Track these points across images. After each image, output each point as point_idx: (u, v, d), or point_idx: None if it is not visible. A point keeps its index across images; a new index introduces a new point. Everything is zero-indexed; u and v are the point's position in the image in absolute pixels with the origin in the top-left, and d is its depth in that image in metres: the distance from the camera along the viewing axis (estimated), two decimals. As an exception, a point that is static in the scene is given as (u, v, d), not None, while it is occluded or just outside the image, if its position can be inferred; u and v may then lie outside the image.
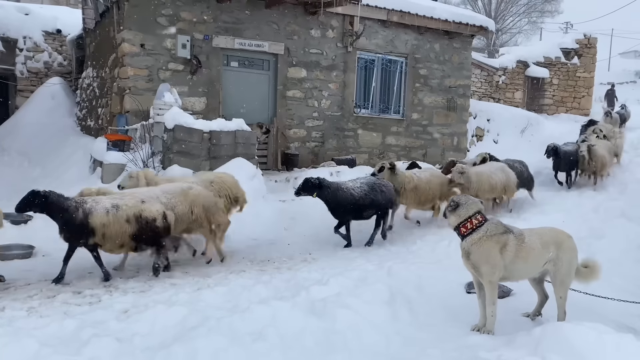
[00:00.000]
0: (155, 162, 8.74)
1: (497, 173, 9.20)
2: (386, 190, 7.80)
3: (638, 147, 13.85)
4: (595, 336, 3.77)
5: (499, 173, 9.24)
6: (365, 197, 7.54)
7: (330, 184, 7.49)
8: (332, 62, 12.52)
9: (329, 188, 7.38)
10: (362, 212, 7.64)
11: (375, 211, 7.76)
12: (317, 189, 7.27)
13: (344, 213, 7.53)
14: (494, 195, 9.36)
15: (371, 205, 7.62)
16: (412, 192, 8.48)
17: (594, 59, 21.12)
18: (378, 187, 7.72)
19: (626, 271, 6.29)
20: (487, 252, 4.42)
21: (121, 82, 10.77)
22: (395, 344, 4.34)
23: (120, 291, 5.42)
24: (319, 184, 7.30)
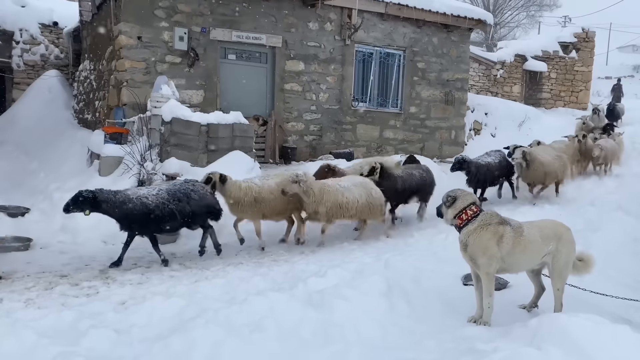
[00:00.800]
0: (152, 155, 8.72)
1: (352, 190, 7.29)
2: (198, 196, 6.46)
3: (635, 142, 13.92)
4: (591, 327, 3.78)
5: (355, 190, 7.34)
6: (162, 207, 6.16)
7: (113, 195, 6.03)
8: (330, 55, 12.49)
9: (111, 201, 5.95)
10: (161, 225, 6.26)
11: (184, 222, 6.42)
12: (90, 205, 5.82)
13: (140, 227, 6.19)
14: (347, 218, 7.48)
15: (172, 216, 6.21)
16: (253, 205, 6.95)
17: (592, 53, 21.09)
18: (184, 193, 6.38)
19: (622, 264, 6.31)
20: (484, 244, 4.43)
21: (118, 75, 10.73)
22: (392, 335, 4.35)
23: (118, 283, 5.44)
24: (93, 198, 5.83)
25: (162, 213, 6.16)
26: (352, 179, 7.67)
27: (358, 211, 7.34)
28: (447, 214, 4.64)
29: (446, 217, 4.67)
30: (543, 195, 9.82)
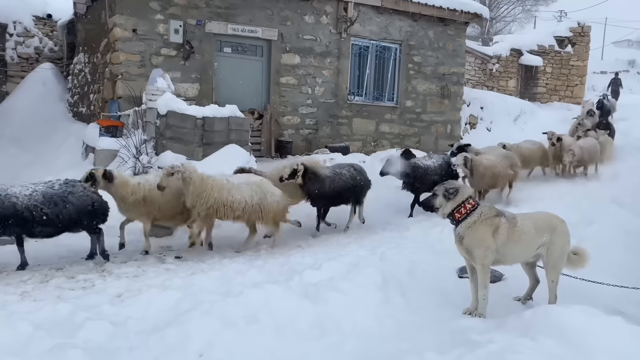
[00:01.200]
0: (148, 149, 8.70)
1: (242, 189, 6.48)
2: (76, 199, 5.77)
3: (630, 135, 13.97)
4: (584, 318, 3.81)
5: (246, 189, 6.52)
6: (34, 210, 5.55)
7: None
8: (325, 48, 12.46)
9: None
10: (32, 228, 5.64)
11: (63, 227, 5.81)
12: None
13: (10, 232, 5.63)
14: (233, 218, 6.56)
15: (46, 221, 5.61)
16: (141, 205, 6.31)
17: (587, 48, 21.11)
18: (61, 197, 5.70)
19: (615, 256, 6.35)
20: (480, 236, 4.45)
21: (113, 68, 10.68)
22: (388, 327, 4.38)
23: (114, 276, 5.44)
24: None
25: (33, 216, 5.50)
26: (248, 177, 6.97)
27: (246, 213, 6.48)
28: (445, 207, 4.60)
29: (443, 210, 4.63)
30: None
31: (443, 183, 4.80)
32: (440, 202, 4.65)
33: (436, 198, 4.69)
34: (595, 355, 3.47)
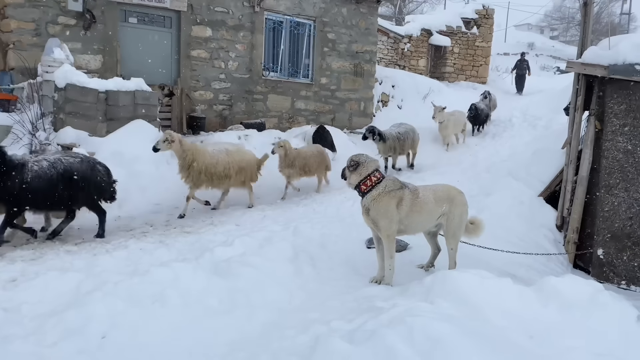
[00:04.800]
0: (45, 124, 8.11)
1: None
2: None
3: (527, 113, 15.02)
4: (478, 281, 4.10)
5: None
6: None
7: None
8: (238, 21, 12.16)
9: None
10: None
11: None
12: None
13: None
14: None
15: None
16: None
17: (491, 30, 22.28)
18: None
19: (510, 224, 6.86)
20: (384, 207, 4.62)
21: (3, 36, 9.77)
22: (298, 298, 4.46)
23: (7, 259, 5.07)
24: None
25: None
26: None
27: None
28: (350, 178, 4.77)
29: (349, 181, 4.80)
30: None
31: (352, 155, 4.93)
32: (347, 173, 4.80)
33: (345, 170, 4.87)
34: (487, 313, 3.76)
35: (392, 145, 10.61)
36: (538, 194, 7.57)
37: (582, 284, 4.19)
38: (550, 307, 3.91)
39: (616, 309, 3.91)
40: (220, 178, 7.56)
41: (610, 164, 6.61)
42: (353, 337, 3.30)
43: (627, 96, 6.48)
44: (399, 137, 10.80)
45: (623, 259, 6.45)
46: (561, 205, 7.20)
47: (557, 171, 7.58)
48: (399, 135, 10.81)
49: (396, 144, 10.71)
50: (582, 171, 6.87)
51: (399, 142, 10.78)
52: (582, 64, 6.77)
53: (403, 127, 11.16)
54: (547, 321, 3.75)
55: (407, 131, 11.08)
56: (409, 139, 11.04)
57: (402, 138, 10.85)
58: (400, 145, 10.81)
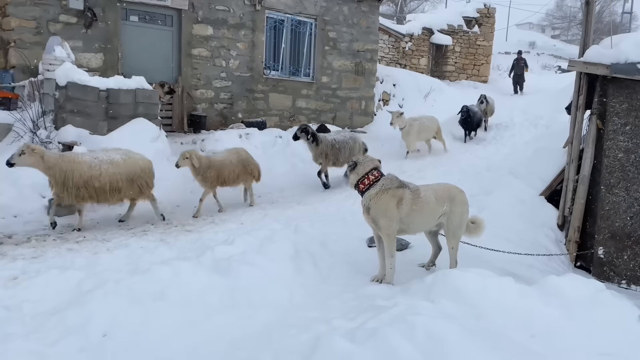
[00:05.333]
0: (46, 122, 8.11)
1: None
2: None
3: (528, 113, 15.01)
4: (479, 280, 4.10)
5: None
6: None
7: None
8: (240, 20, 12.16)
9: None
10: None
11: None
12: None
13: None
14: None
15: None
16: None
17: (492, 29, 22.27)
18: None
19: (510, 223, 6.85)
20: (384, 206, 4.62)
21: (4, 34, 9.77)
22: (299, 297, 4.45)
23: (9, 258, 5.09)
24: None
25: None
26: None
27: None
28: (349, 177, 4.81)
29: (349, 180, 4.84)
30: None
31: (354, 156, 5.00)
32: (348, 173, 4.86)
33: (347, 169, 4.91)
34: (487, 312, 3.76)
35: (324, 151, 9.17)
36: (539, 193, 7.56)
37: (584, 283, 4.19)
38: (551, 306, 3.91)
39: (618, 308, 3.91)
40: (106, 192, 6.38)
41: (611, 162, 6.60)
42: (354, 335, 3.29)
43: (629, 95, 6.47)
44: (334, 145, 9.29)
45: (623, 258, 6.44)
46: (562, 205, 7.19)
47: (558, 170, 7.58)
48: (334, 143, 9.32)
49: (329, 152, 9.22)
50: (584, 170, 6.86)
51: (333, 150, 9.26)
52: (584, 62, 6.75)
53: (342, 135, 9.82)
54: (549, 320, 3.75)
55: (345, 140, 9.59)
56: (347, 149, 9.48)
57: (337, 147, 9.34)
58: (334, 154, 9.30)
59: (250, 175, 8.00)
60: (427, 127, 11.83)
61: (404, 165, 10.98)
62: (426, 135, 11.93)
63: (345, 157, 9.30)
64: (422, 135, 11.83)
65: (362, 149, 9.71)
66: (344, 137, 9.62)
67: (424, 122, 11.76)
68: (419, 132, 11.63)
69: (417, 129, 11.56)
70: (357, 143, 9.73)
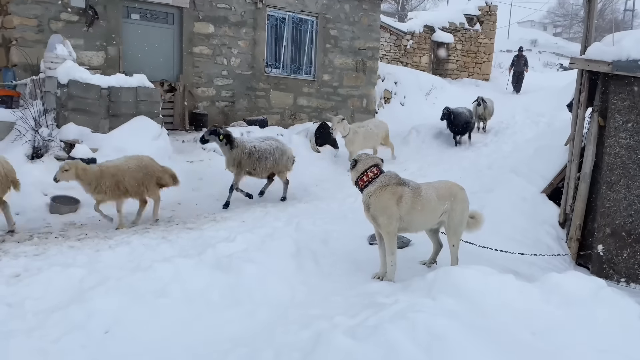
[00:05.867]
0: (48, 120, 8.12)
1: None
2: None
3: (529, 110, 14.98)
4: (480, 277, 4.10)
5: None
6: None
7: None
8: (241, 18, 12.15)
9: None
10: None
11: None
12: None
13: None
14: None
15: None
16: None
17: (494, 26, 22.23)
18: None
19: (512, 221, 6.86)
20: (383, 203, 4.63)
21: (6, 33, 9.77)
22: (300, 294, 4.47)
23: (11, 255, 5.10)
24: None
25: None
26: None
27: None
28: (351, 175, 4.86)
29: (351, 178, 4.88)
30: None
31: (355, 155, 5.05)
32: (350, 170, 4.90)
33: (350, 167, 4.95)
34: (489, 309, 3.76)
35: (237, 157, 7.62)
36: (541, 191, 7.56)
37: (585, 280, 4.19)
38: (552, 303, 3.91)
39: (618, 305, 3.91)
40: None
41: (612, 160, 6.59)
42: (355, 332, 3.30)
43: (631, 92, 6.46)
44: (252, 153, 7.71)
45: (623, 256, 6.44)
46: (564, 202, 7.18)
47: (559, 168, 7.57)
48: (253, 150, 7.72)
49: (244, 159, 7.68)
50: (585, 168, 6.86)
51: (250, 158, 7.71)
52: (586, 60, 6.74)
53: (267, 143, 8.05)
54: (549, 317, 3.75)
55: (269, 149, 7.94)
56: (269, 159, 7.93)
57: (257, 155, 7.77)
58: (250, 163, 7.74)
59: (157, 185, 6.84)
60: (374, 134, 10.90)
61: (405, 164, 10.98)
62: (373, 143, 10.97)
63: (265, 167, 7.88)
64: (369, 143, 10.83)
65: (290, 161, 8.24)
66: (269, 146, 7.96)
67: (370, 128, 10.92)
68: (365, 140, 10.68)
69: (363, 136, 10.63)
70: (285, 155, 8.12)
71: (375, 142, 11.04)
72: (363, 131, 10.67)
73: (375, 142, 11.05)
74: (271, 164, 7.97)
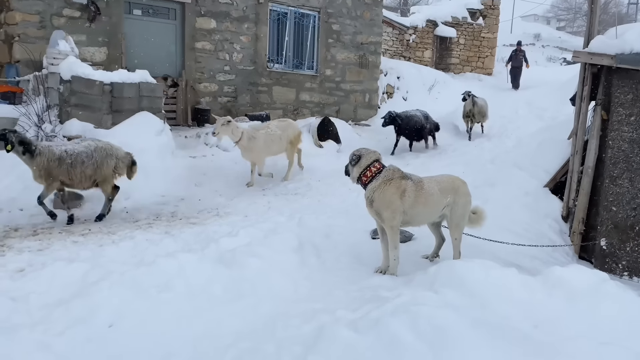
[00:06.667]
0: (51, 116, 8.13)
1: None
2: None
3: (532, 105, 14.92)
4: (483, 271, 4.10)
5: None
6: None
7: None
8: (243, 13, 12.13)
9: None
10: None
11: None
12: None
13: None
14: None
15: None
16: None
17: (497, 20, 22.14)
18: None
19: (515, 215, 6.85)
20: (388, 198, 4.62)
21: (9, 29, 9.79)
22: (303, 288, 4.48)
23: (15, 250, 5.12)
24: None
25: None
26: None
27: None
28: (352, 172, 4.79)
29: (352, 175, 4.83)
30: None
31: (355, 150, 4.94)
32: (349, 168, 4.85)
33: (348, 165, 4.90)
34: (491, 302, 3.76)
35: (43, 166, 5.97)
36: (543, 185, 7.55)
37: (588, 273, 4.19)
38: (555, 296, 3.91)
39: (621, 298, 3.91)
40: None
41: (615, 153, 6.57)
42: (358, 325, 3.32)
43: (634, 86, 6.44)
44: (62, 158, 6.05)
45: (626, 249, 6.43)
46: (567, 196, 7.17)
47: (562, 162, 7.55)
48: (63, 155, 6.06)
49: (54, 169, 6.01)
50: (588, 161, 6.84)
51: (60, 165, 6.03)
52: (589, 53, 6.72)
53: (84, 145, 6.33)
54: (552, 310, 3.75)
55: (87, 152, 6.25)
56: (87, 164, 6.21)
57: (69, 161, 6.09)
58: (63, 172, 6.07)
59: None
60: (277, 138, 8.55)
61: (407, 158, 10.97)
62: (277, 149, 8.62)
63: (83, 175, 6.20)
64: (271, 149, 8.51)
65: (125, 164, 6.58)
66: (86, 148, 6.28)
67: (272, 130, 8.53)
68: (266, 146, 8.36)
69: (264, 141, 8.32)
70: (109, 157, 6.39)
71: (279, 148, 8.65)
72: (263, 135, 8.33)
73: (280, 147, 8.65)
74: (92, 171, 6.26)
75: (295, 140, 8.89)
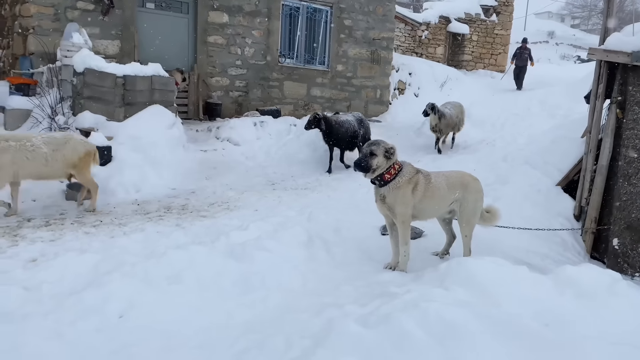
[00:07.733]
0: (64, 108, 8.21)
1: None
2: None
3: (545, 103, 14.78)
4: (493, 269, 4.07)
5: None
6: None
7: None
8: (255, 7, 12.13)
9: None
10: None
11: None
12: None
13: None
14: None
15: None
16: None
17: (511, 17, 21.92)
18: None
19: (526, 213, 6.80)
20: (402, 194, 4.58)
21: (23, 21, 9.87)
22: (312, 282, 4.48)
23: (28, 240, 5.18)
24: None
25: None
26: None
27: None
28: (380, 164, 4.50)
29: (379, 166, 4.50)
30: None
31: (372, 142, 4.63)
32: (379, 162, 4.51)
33: (375, 158, 4.50)
34: (501, 300, 3.73)
35: None
36: (556, 183, 7.48)
37: (599, 273, 4.14)
38: (566, 295, 3.87)
39: (633, 299, 3.86)
40: None
41: (629, 152, 6.49)
42: (367, 320, 3.31)
43: (650, 84, 6.34)
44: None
45: (638, 250, 6.36)
46: (579, 195, 7.10)
47: (575, 160, 7.48)
48: None
49: None
50: (602, 160, 6.76)
51: None
52: (605, 50, 6.63)
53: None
54: (563, 309, 3.71)
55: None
56: None
57: None
58: None
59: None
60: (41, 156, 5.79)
61: (418, 154, 10.92)
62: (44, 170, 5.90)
63: None
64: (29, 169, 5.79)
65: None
66: None
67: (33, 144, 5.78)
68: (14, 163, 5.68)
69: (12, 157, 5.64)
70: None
71: (48, 171, 5.95)
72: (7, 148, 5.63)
73: (50, 170, 5.96)
74: None
75: (82, 163, 6.12)
